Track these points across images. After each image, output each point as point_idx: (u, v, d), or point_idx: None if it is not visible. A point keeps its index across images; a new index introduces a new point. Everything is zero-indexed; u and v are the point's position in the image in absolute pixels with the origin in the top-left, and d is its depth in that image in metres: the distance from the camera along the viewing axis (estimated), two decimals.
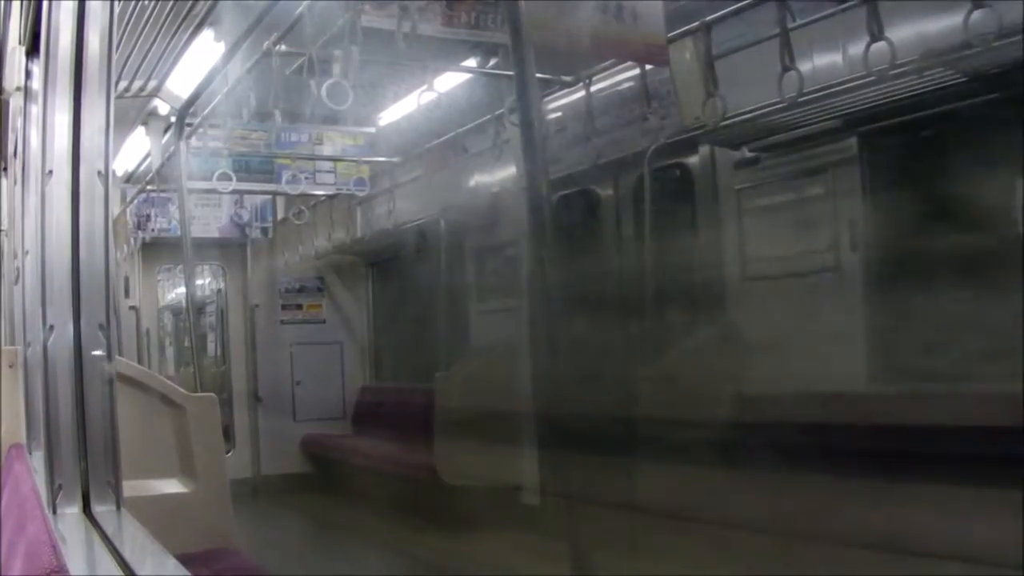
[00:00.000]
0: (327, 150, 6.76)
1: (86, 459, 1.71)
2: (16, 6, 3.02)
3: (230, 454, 8.20)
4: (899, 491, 3.49)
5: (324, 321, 9.34)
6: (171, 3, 5.26)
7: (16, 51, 2.98)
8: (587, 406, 4.51)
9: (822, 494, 3.69)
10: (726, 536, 3.99)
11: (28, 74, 2.93)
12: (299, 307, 9.26)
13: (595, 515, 4.02)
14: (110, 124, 1.79)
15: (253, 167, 6.66)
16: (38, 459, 2.10)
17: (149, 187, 7.99)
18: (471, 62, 5.86)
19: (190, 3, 5.15)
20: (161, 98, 7.52)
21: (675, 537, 4.31)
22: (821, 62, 4.16)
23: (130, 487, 1.80)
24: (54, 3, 1.78)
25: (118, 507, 1.73)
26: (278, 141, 6.50)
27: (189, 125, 6.31)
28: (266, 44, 4.75)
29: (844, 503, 3.61)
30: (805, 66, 3.90)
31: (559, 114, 5.59)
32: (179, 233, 7.07)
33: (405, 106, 7.20)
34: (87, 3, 1.77)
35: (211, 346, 10.27)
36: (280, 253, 9.02)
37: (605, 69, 5.09)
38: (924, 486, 3.42)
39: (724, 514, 4.07)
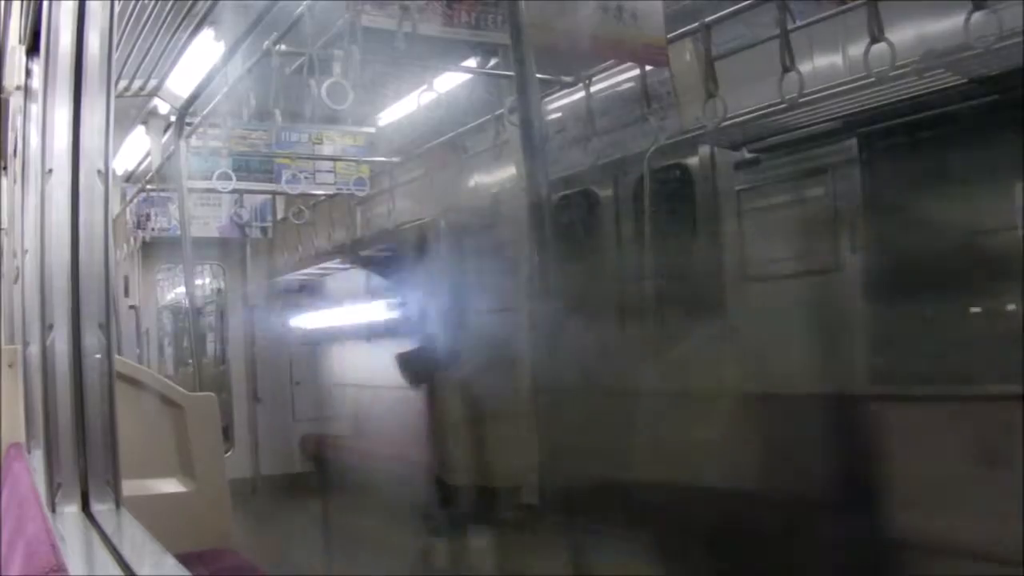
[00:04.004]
0: (327, 150, 6.75)
1: (85, 458, 1.71)
2: (16, 5, 3.02)
3: (229, 454, 8.20)
4: None
5: None
6: (171, 2, 5.27)
7: (16, 50, 2.97)
8: (586, 406, 4.51)
9: None
10: None
11: (28, 73, 2.93)
12: (299, 307, 9.26)
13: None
14: (110, 123, 1.78)
15: (253, 167, 6.65)
16: (37, 458, 2.10)
17: (149, 186, 7.99)
18: (471, 62, 5.86)
19: (190, 2, 5.15)
20: (161, 97, 7.52)
21: None
22: (821, 63, 4.16)
23: (129, 486, 1.79)
24: (54, 2, 1.78)
25: (117, 506, 1.73)
26: (278, 141, 6.48)
27: (189, 124, 6.31)
28: (266, 44, 4.75)
29: None
30: (805, 67, 3.90)
31: (559, 114, 5.59)
32: (179, 232, 7.07)
33: (405, 106, 7.20)
34: (87, 2, 1.77)
35: (210, 346, 10.27)
36: (280, 253, 9.01)
37: (605, 70, 5.09)
38: None
39: None
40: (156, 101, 7.78)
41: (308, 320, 9.53)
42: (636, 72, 4.76)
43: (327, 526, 7.40)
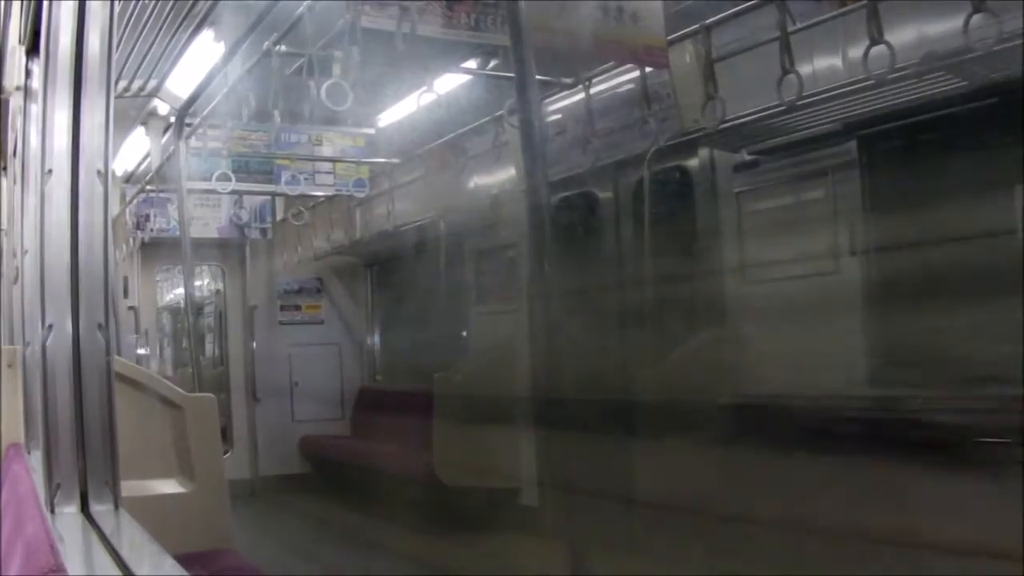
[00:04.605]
0: (326, 151, 6.76)
1: (84, 459, 1.70)
2: (16, 5, 3.02)
3: (228, 455, 8.19)
4: None
5: (322, 322, 9.34)
6: (171, 3, 5.26)
7: (16, 50, 2.98)
8: (585, 409, 4.51)
9: None
10: None
11: (28, 73, 2.93)
12: (297, 308, 9.26)
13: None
14: (110, 124, 1.78)
15: (252, 168, 6.66)
16: (36, 458, 2.10)
17: (148, 187, 7.99)
18: (471, 63, 5.86)
19: (190, 3, 5.15)
20: (161, 98, 7.51)
21: None
22: (821, 65, 4.16)
23: (128, 487, 1.79)
24: (54, 2, 1.78)
25: (116, 507, 1.72)
26: (277, 142, 6.49)
27: (189, 125, 6.31)
28: (266, 44, 4.75)
29: None
30: (805, 69, 3.90)
31: (559, 116, 5.59)
32: (178, 233, 7.08)
33: (405, 107, 7.20)
34: (87, 3, 1.76)
35: (209, 347, 10.27)
36: (279, 254, 9.01)
37: (605, 71, 5.09)
38: None
39: None
40: (156, 102, 7.77)
41: None
42: (636, 74, 4.76)
43: (326, 528, 7.40)
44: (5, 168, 4.32)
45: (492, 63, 5.62)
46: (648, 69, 4.57)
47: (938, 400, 3.71)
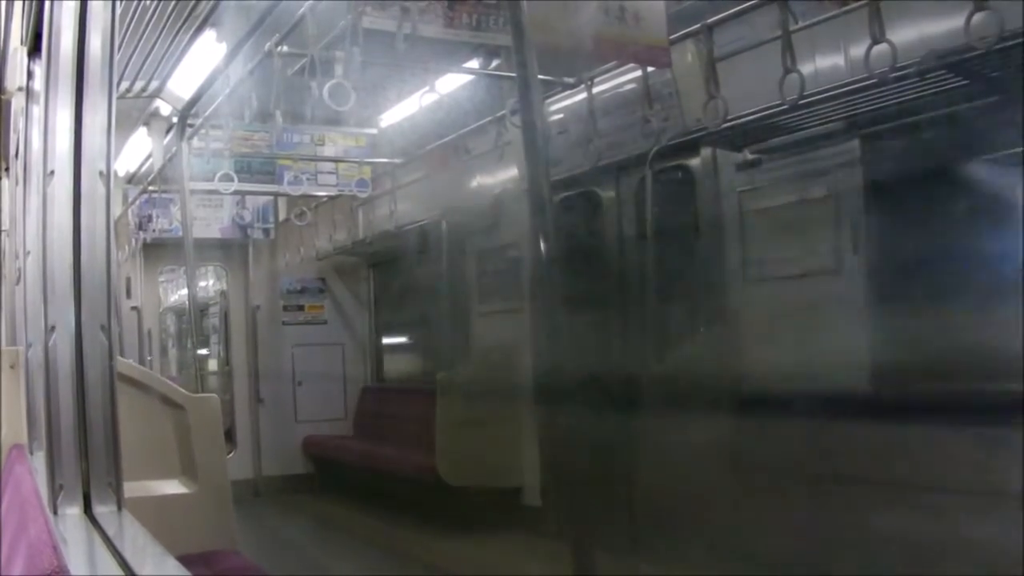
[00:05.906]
0: (329, 151, 6.76)
1: (87, 460, 1.70)
2: (18, 6, 3.02)
3: (232, 455, 8.20)
4: None
5: (325, 322, 9.34)
6: (173, 4, 5.27)
7: (18, 51, 2.98)
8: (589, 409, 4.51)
9: None
10: None
11: (30, 74, 2.94)
12: (300, 308, 9.26)
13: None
14: (112, 125, 1.78)
15: (255, 168, 6.66)
16: (39, 460, 2.10)
17: (151, 188, 7.99)
18: (473, 63, 5.86)
19: (192, 4, 5.16)
20: (163, 99, 7.54)
21: None
22: (823, 64, 4.16)
23: (131, 488, 1.79)
24: (56, 3, 1.78)
25: (119, 508, 1.73)
26: (280, 142, 6.49)
27: (191, 126, 6.31)
28: (268, 45, 4.76)
29: None
30: (807, 68, 3.90)
31: (561, 115, 5.59)
32: (181, 234, 7.08)
33: (407, 107, 7.21)
34: (89, 3, 1.76)
35: (213, 347, 10.28)
36: (282, 254, 9.02)
37: (607, 71, 5.09)
38: None
39: None
40: (158, 103, 7.79)
41: None
42: (638, 73, 4.76)
43: (330, 528, 7.40)
44: (7, 169, 4.33)
45: (494, 63, 5.62)
46: (650, 69, 4.57)
47: None
